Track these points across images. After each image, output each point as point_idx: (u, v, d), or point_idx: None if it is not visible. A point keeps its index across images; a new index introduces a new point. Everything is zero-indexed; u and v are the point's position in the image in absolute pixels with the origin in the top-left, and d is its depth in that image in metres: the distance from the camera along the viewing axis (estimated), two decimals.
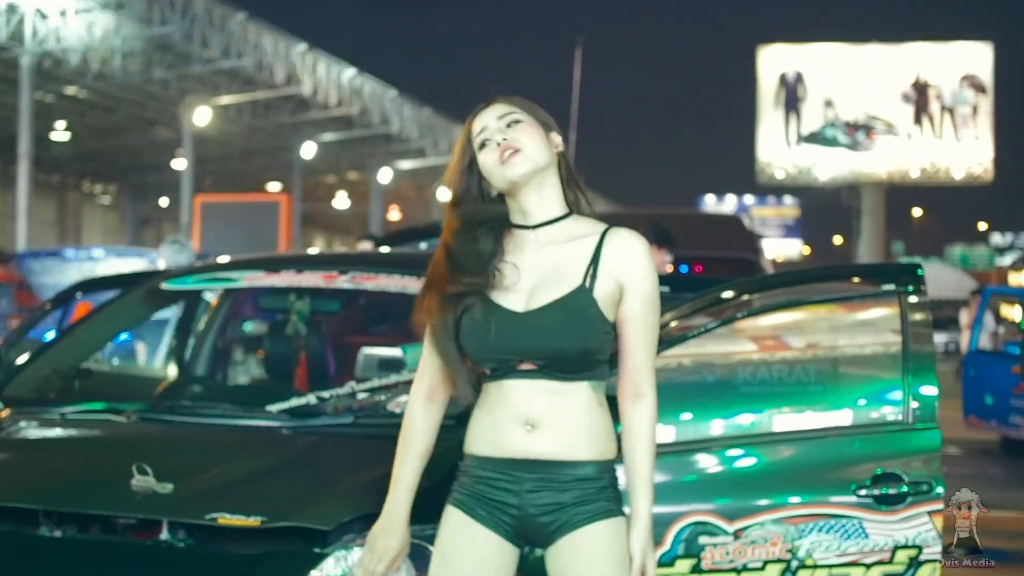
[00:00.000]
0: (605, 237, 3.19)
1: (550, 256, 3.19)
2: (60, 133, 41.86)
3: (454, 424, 4.07)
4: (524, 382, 3.15)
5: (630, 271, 3.17)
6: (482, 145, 3.22)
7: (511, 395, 3.16)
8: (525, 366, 3.14)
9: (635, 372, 3.20)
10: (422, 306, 3.24)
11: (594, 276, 3.15)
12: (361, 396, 4.55)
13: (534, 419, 3.13)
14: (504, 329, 3.14)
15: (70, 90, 37.56)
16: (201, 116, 37.17)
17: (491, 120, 3.23)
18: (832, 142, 59.80)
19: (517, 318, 3.14)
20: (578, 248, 3.19)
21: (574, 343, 3.11)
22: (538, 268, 3.18)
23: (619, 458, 3.26)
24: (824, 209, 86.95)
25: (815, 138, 60.01)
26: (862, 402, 4.50)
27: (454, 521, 3.22)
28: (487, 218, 3.23)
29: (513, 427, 3.15)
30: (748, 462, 4.30)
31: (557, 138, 3.26)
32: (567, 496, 3.14)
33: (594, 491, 3.16)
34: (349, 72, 42.59)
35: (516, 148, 3.17)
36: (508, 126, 3.21)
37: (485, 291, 3.17)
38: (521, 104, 3.26)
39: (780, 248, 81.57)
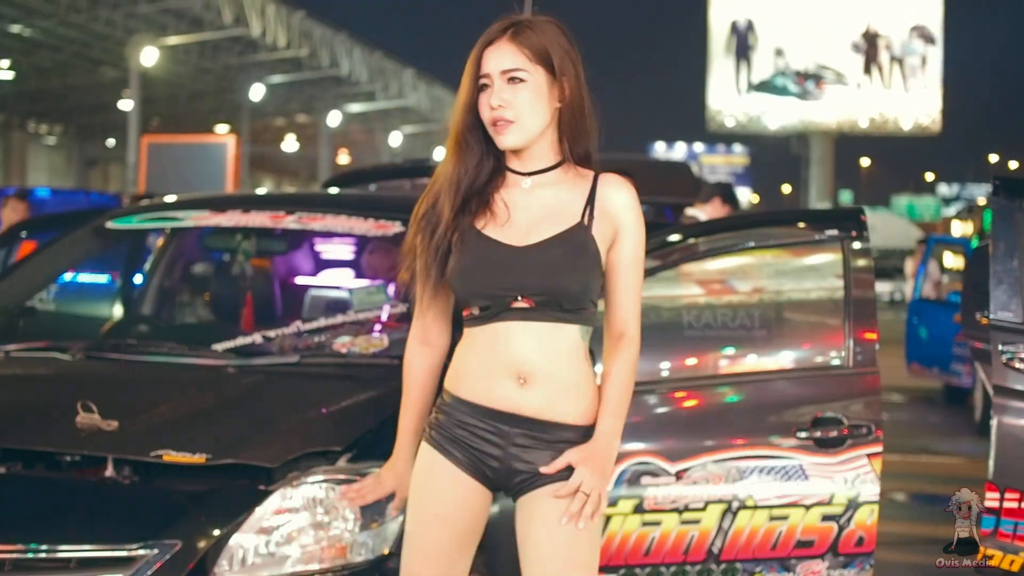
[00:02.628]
0: (598, 180, 3.16)
1: (542, 197, 3.15)
2: (4, 72, 41.28)
3: None
4: (517, 324, 3.08)
5: (625, 216, 3.14)
6: (482, 87, 3.13)
7: (503, 339, 3.09)
8: (520, 304, 3.08)
9: (623, 314, 3.16)
10: (409, 242, 3.20)
11: (591, 216, 3.12)
12: (307, 336, 4.56)
13: (527, 372, 3.07)
14: (502, 263, 3.08)
15: (15, 28, 37.03)
16: (148, 56, 36.74)
17: (495, 69, 3.10)
18: (782, 91, 59.93)
19: (517, 252, 3.09)
20: (572, 189, 3.15)
21: (577, 278, 3.08)
22: (531, 207, 3.14)
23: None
24: (773, 158, 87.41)
25: (765, 87, 60.12)
26: (804, 346, 4.55)
27: (431, 461, 3.17)
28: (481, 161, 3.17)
29: (505, 378, 3.09)
30: (691, 404, 4.35)
31: (567, 84, 3.13)
32: (548, 455, 3.08)
33: None
34: (298, 13, 42.21)
35: (508, 120, 3.09)
36: (509, 82, 3.10)
37: (472, 223, 3.12)
38: (533, 45, 3.09)
39: None
